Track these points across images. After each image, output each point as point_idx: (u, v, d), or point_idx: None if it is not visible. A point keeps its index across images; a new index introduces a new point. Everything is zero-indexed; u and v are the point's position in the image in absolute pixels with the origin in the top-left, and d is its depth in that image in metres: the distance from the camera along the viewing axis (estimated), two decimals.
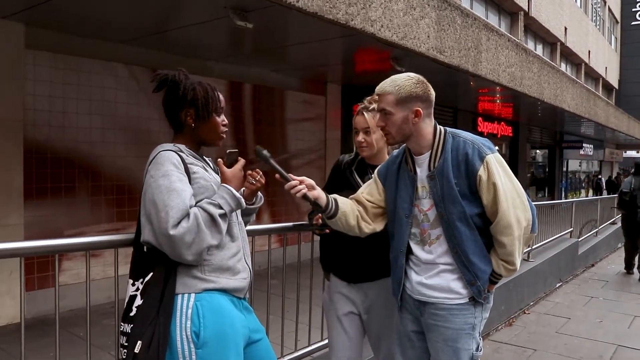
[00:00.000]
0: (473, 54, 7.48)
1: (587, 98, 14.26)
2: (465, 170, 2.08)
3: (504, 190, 2.06)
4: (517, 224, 2.07)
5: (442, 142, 2.15)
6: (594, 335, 5.45)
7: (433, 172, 2.13)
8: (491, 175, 2.05)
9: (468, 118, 13.38)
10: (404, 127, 2.13)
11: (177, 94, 1.96)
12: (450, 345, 2.16)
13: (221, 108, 2.03)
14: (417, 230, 2.21)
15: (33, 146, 5.41)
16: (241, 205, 1.95)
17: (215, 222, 1.83)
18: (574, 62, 24.76)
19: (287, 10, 4.38)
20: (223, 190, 1.92)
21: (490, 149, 2.12)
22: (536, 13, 18.00)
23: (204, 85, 1.98)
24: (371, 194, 2.35)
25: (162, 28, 5.45)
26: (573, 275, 8.67)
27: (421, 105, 2.12)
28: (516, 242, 2.09)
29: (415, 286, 2.22)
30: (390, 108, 2.11)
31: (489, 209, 2.10)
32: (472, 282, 2.11)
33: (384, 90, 2.14)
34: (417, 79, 2.14)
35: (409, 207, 2.20)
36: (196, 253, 1.79)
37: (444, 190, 2.10)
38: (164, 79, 1.98)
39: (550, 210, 8.84)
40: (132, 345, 1.76)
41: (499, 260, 2.14)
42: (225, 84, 7.42)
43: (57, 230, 5.51)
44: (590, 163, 28.26)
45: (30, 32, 5.28)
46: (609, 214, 12.94)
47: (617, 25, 35.04)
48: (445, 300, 2.15)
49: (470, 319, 2.16)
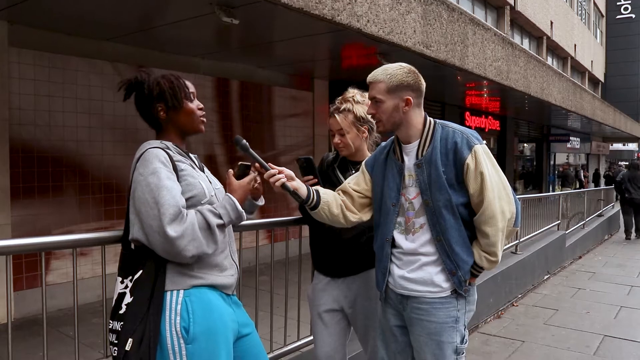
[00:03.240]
0: (459, 49, 7.51)
1: (574, 91, 14.37)
2: (453, 159, 2.10)
3: (491, 181, 2.08)
4: (502, 215, 2.09)
5: (432, 132, 2.17)
6: (581, 326, 5.51)
7: (421, 160, 2.15)
8: (479, 164, 2.07)
9: (455, 112, 13.43)
10: (395, 115, 2.15)
11: (144, 93, 1.97)
12: (434, 339, 2.17)
13: (191, 93, 2.01)
14: (403, 219, 2.22)
15: (19, 145, 5.37)
16: (241, 219, 1.95)
17: (212, 231, 1.84)
18: (560, 56, 24.93)
19: (273, 6, 4.38)
20: (226, 201, 1.92)
21: (479, 139, 2.15)
22: (522, 7, 18.09)
23: (167, 77, 1.98)
24: (358, 183, 2.36)
25: (148, 25, 5.42)
26: (561, 268, 8.75)
27: (412, 94, 2.14)
28: (499, 233, 2.11)
29: (397, 280, 2.23)
30: (381, 96, 2.13)
31: (474, 199, 2.11)
32: (453, 272, 2.13)
33: (375, 78, 2.15)
34: (408, 69, 2.16)
35: (397, 196, 2.22)
36: (189, 257, 1.79)
37: (431, 177, 2.12)
38: (129, 84, 1.99)
39: (538, 203, 8.90)
40: (123, 343, 1.76)
41: (481, 251, 2.15)
42: (212, 80, 7.40)
43: (45, 230, 5.48)
44: (577, 156, 28.49)
45: (13, 30, 5.23)
46: (595, 206, 13.07)
47: (603, 19, 35.31)
48: (427, 294, 2.16)
49: (453, 312, 2.17)
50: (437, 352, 2.17)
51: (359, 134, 2.56)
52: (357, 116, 2.53)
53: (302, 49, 6.81)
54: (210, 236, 1.84)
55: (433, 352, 2.18)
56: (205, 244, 1.82)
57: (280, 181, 2.11)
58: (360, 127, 2.54)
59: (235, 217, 1.92)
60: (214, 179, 2.11)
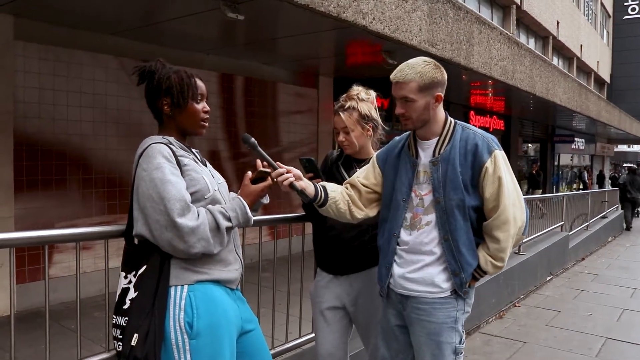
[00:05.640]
0: (465, 47, 7.48)
1: (579, 92, 14.32)
2: (472, 161, 2.11)
3: (507, 187, 2.09)
4: (514, 221, 2.10)
5: (452, 131, 2.18)
6: (584, 328, 5.50)
7: (437, 157, 2.15)
8: (497, 168, 2.08)
9: (460, 111, 13.40)
10: (425, 113, 2.15)
11: (153, 84, 1.95)
12: (434, 339, 2.17)
13: (200, 95, 1.99)
14: (410, 214, 2.22)
15: (23, 138, 5.37)
16: (249, 223, 1.96)
17: (220, 232, 1.84)
18: (566, 56, 24.84)
19: (278, 2, 4.36)
20: (237, 204, 1.92)
21: (498, 145, 2.16)
22: (528, 6, 18.01)
23: (179, 73, 1.95)
24: (367, 177, 2.35)
25: (153, 20, 5.41)
26: (563, 269, 8.73)
27: (441, 90, 2.16)
28: (510, 239, 2.12)
29: (397, 280, 2.23)
30: (413, 95, 2.11)
31: (489, 204, 2.11)
32: (457, 273, 2.12)
33: (405, 77, 2.11)
34: (434, 64, 2.15)
35: (407, 192, 2.21)
36: (194, 253, 1.79)
37: (447, 176, 2.11)
38: (142, 71, 1.97)
39: (542, 203, 8.87)
40: (129, 338, 1.75)
41: (488, 256, 2.15)
42: (216, 76, 7.39)
43: (48, 223, 5.48)
44: (581, 157, 28.40)
45: (19, 23, 5.23)
46: (599, 208, 13.02)
47: (610, 19, 35.13)
48: (427, 294, 2.16)
49: (453, 313, 2.17)
50: (437, 352, 2.17)
51: (363, 132, 2.55)
52: (361, 114, 2.52)
53: (307, 46, 6.80)
54: (218, 237, 1.84)
55: (432, 352, 2.18)
56: (212, 244, 1.82)
57: (289, 180, 2.10)
58: (364, 125, 2.54)
59: (243, 221, 1.93)
60: (216, 174, 2.10)
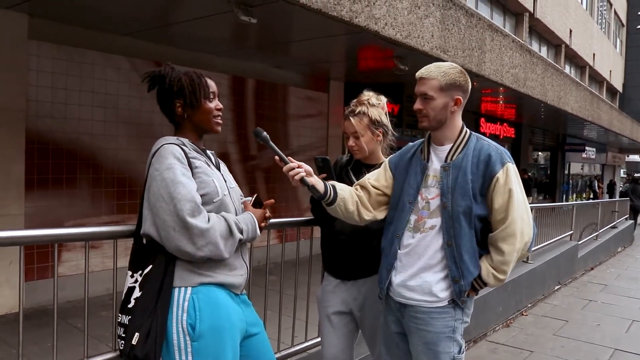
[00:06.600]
0: (477, 54, 7.47)
1: (591, 101, 14.24)
2: (483, 170, 2.12)
3: (517, 200, 2.09)
4: (521, 236, 2.10)
5: (466, 140, 2.19)
6: (592, 338, 5.45)
7: (449, 163, 2.16)
8: (509, 180, 2.09)
9: (471, 118, 13.36)
10: (442, 113, 2.16)
11: (165, 87, 1.97)
12: (431, 348, 2.16)
13: (212, 92, 2.02)
14: (415, 217, 2.22)
15: (35, 137, 5.41)
16: (254, 239, 2.05)
17: (233, 239, 1.88)
18: (578, 65, 24.71)
19: (291, 6, 4.37)
20: (249, 220, 1.99)
21: (511, 159, 2.17)
22: (541, 14, 17.95)
23: (189, 74, 1.98)
24: (378, 179, 2.36)
25: (165, 21, 5.45)
26: (572, 278, 8.66)
27: (462, 95, 2.17)
28: (515, 253, 2.11)
29: (395, 288, 2.23)
30: (433, 93, 2.14)
31: (497, 215, 2.11)
32: (456, 280, 2.11)
33: (429, 74, 2.15)
34: (460, 69, 2.18)
35: (414, 194, 2.22)
36: (200, 256, 1.79)
37: (457, 182, 2.12)
38: (153, 76, 2.00)
39: (551, 212, 8.82)
40: (130, 337, 1.76)
41: (491, 268, 2.14)
42: (227, 78, 7.42)
43: (57, 221, 5.52)
44: (592, 166, 28.22)
45: (33, 23, 5.28)
46: (609, 218, 12.92)
47: (623, 28, 34.90)
48: (424, 303, 2.15)
49: (451, 322, 2.16)
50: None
51: (373, 137, 2.55)
52: (372, 119, 2.52)
53: (318, 50, 6.81)
54: (227, 245, 1.85)
55: None
56: (222, 251, 1.83)
57: (300, 175, 2.11)
58: (375, 131, 2.54)
59: (251, 237, 1.99)
60: (229, 178, 2.10)
